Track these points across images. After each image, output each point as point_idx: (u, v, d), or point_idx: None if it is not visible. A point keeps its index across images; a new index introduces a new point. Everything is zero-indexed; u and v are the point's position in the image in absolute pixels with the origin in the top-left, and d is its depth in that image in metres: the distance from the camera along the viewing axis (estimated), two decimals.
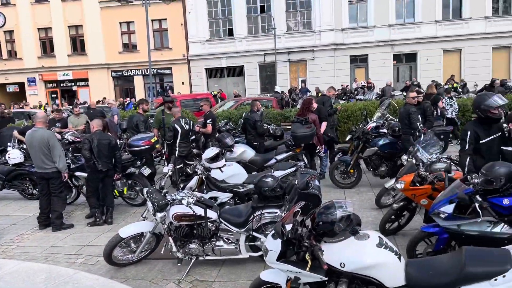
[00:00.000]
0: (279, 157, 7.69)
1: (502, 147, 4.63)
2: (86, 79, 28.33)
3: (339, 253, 3.00)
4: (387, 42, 24.46)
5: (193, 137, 8.53)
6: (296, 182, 4.77)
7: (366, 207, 6.83)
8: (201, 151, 8.34)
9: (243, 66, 26.06)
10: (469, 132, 4.73)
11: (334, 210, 3.04)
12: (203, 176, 5.92)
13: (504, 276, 2.71)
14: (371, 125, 8.18)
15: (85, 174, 6.98)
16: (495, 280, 2.72)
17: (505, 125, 4.87)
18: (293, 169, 6.16)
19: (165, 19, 26.58)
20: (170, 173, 5.18)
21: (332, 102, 9.94)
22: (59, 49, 27.96)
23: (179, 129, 7.70)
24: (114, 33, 27.31)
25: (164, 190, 4.80)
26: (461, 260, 2.85)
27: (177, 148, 7.74)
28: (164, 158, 9.01)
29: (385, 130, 8.11)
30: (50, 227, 6.60)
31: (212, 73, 27.01)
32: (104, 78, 27.95)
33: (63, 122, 10.50)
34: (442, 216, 4.02)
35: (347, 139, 8.92)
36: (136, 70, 27.42)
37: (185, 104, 14.11)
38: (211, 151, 6.22)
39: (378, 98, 16.51)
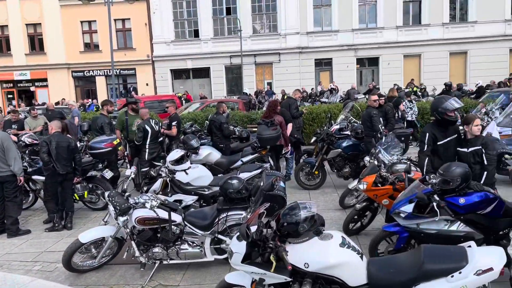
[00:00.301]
0: (245, 159, 7.68)
1: (458, 148, 4.82)
2: (45, 79, 27.25)
3: (303, 254, 3.02)
4: (351, 46, 25.01)
5: (161, 138, 8.40)
6: (262, 184, 4.78)
7: (330, 208, 6.94)
8: (165, 154, 8.21)
9: (209, 67, 25.92)
10: (427, 134, 4.91)
11: (298, 211, 3.07)
12: (168, 179, 5.82)
13: (460, 273, 2.82)
14: (335, 127, 8.34)
15: (43, 178, 6.70)
16: (452, 276, 2.82)
17: (461, 127, 5.08)
18: (259, 171, 6.17)
19: (129, 18, 26.02)
20: (132, 175, 5.06)
21: (298, 104, 10.05)
22: (16, 48, 26.75)
23: (149, 130, 7.58)
24: (75, 32, 26.44)
25: (127, 194, 4.69)
26: (420, 258, 2.94)
27: (147, 150, 7.61)
28: (126, 161, 8.79)
29: (348, 132, 8.27)
30: (5, 233, 6.29)
31: (178, 74, 26.70)
32: (64, 78, 26.99)
33: (20, 124, 10.05)
34: (402, 215, 4.14)
35: (312, 141, 9.04)
36: (98, 71, 26.66)
37: (150, 105, 13.81)
38: (176, 153, 6.13)
39: (342, 101, 16.84)
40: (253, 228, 3.04)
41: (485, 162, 4.58)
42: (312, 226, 3.08)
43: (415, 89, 19.51)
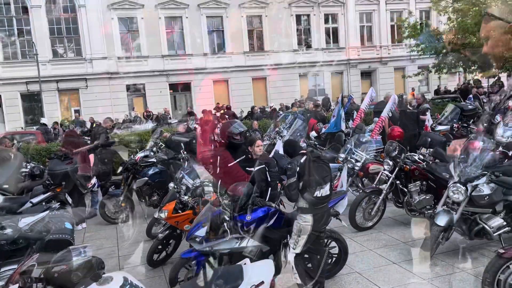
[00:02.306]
0: (35, 200, 6.65)
1: (247, 168, 5.18)
2: None
3: None
4: (162, 72, 25.19)
5: None
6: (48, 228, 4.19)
7: (139, 240, 6.67)
8: None
9: (0, 96, 22.43)
10: (219, 157, 5.14)
11: (70, 258, 2.75)
12: None
13: None
14: (140, 155, 8.10)
15: None
16: None
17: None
18: (45, 213, 5.41)
19: None
20: None
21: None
22: None
23: None
24: None
25: None
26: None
27: None
28: None
29: (154, 160, 8.12)
30: None
31: None
32: None
33: None
34: (198, 240, 4.18)
35: (119, 171, 8.59)
36: None
37: None
38: None
39: (156, 126, 16.68)
40: None
41: (269, 179, 5.04)
42: (89, 272, 2.78)
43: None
